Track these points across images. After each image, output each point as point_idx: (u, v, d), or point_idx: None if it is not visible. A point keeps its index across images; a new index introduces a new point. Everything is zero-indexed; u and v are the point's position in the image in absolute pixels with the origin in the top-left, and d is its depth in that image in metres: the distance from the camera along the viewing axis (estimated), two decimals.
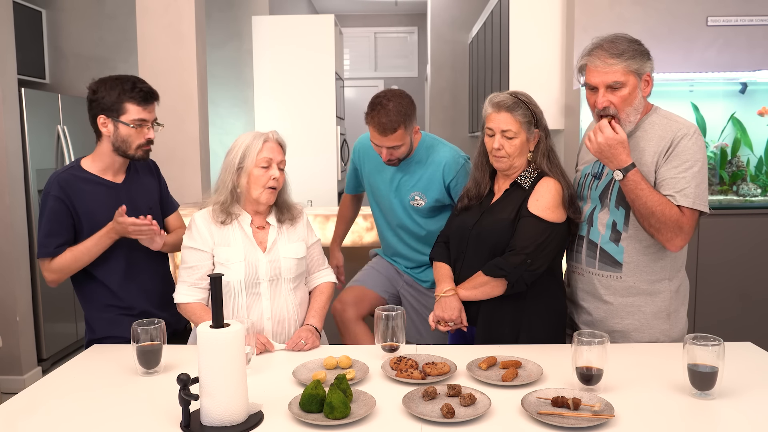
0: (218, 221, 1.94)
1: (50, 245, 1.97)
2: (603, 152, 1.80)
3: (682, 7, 3.69)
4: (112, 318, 2.05)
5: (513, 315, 1.93)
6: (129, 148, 2.01)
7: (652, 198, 1.77)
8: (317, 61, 4.98)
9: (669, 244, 1.80)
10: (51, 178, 2.01)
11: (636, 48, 1.82)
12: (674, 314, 1.92)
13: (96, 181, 2.04)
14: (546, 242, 1.87)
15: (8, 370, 3.74)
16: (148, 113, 2.01)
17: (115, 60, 4.96)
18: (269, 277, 1.95)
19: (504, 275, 1.87)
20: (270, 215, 2.02)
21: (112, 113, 1.98)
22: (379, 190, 2.46)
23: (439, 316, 1.96)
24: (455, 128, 6.77)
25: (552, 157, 1.97)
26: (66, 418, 1.46)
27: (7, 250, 3.67)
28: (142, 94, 1.98)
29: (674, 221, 1.77)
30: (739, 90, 3.78)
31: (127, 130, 1.99)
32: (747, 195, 3.65)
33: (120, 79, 1.99)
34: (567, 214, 1.92)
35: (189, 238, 1.96)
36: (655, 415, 1.43)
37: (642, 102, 1.86)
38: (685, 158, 1.79)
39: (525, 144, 1.94)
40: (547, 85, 3.97)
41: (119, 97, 1.97)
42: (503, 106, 1.92)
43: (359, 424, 1.39)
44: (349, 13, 8.85)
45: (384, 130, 2.18)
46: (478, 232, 1.97)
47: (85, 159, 2.08)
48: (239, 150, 1.92)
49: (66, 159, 4.40)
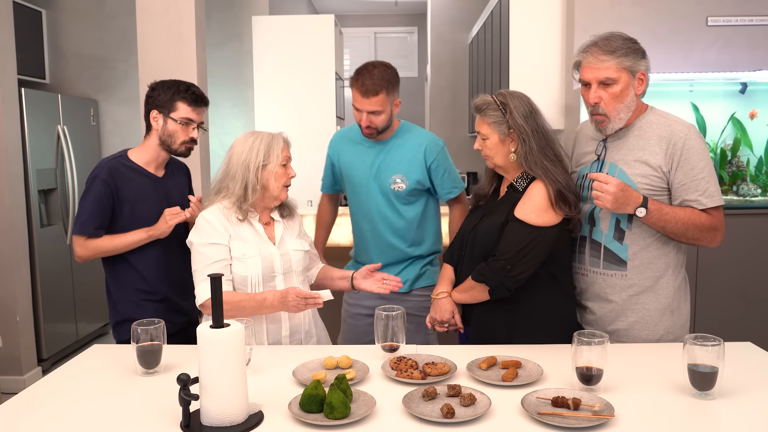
0: (236, 218, 1.96)
1: (90, 225, 2.12)
2: (619, 200, 1.78)
3: (682, 7, 3.68)
4: (138, 302, 2.17)
5: (506, 318, 1.92)
6: (173, 143, 2.18)
7: (679, 215, 1.81)
8: (317, 61, 4.98)
9: (710, 244, 1.88)
10: (101, 163, 2.17)
11: (630, 46, 1.84)
12: (677, 310, 1.93)
13: (141, 171, 2.20)
14: (528, 248, 1.82)
15: (8, 370, 3.74)
16: (196, 115, 2.18)
17: (115, 60, 4.97)
18: (283, 270, 1.99)
19: (483, 281, 1.87)
20: (274, 211, 2.06)
21: (164, 110, 2.16)
22: (357, 179, 2.42)
23: (432, 317, 2.01)
24: (455, 128, 6.77)
25: (535, 157, 1.85)
26: (66, 418, 1.46)
27: (7, 250, 3.67)
28: (193, 96, 2.17)
29: (708, 226, 1.83)
30: (739, 90, 3.78)
31: (175, 126, 2.16)
32: (747, 195, 3.65)
33: (176, 82, 2.19)
34: (562, 214, 1.84)
35: (204, 236, 1.92)
36: (655, 415, 1.43)
37: (635, 100, 1.87)
38: (697, 159, 1.82)
39: (499, 145, 1.91)
40: (547, 85, 3.96)
41: (173, 96, 2.15)
42: (476, 109, 1.94)
43: (359, 424, 1.39)
44: (349, 13, 8.85)
45: (366, 92, 2.22)
46: (475, 234, 1.97)
47: (132, 150, 2.23)
48: (260, 148, 1.94)
49: (66, 159, 4.40)
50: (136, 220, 2.15)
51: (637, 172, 1.86)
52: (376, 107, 2.24)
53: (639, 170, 1.86)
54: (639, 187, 1.84)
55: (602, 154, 1.94)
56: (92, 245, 2.13)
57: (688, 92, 3.79)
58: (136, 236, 2.13)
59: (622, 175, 1.86)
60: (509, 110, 1.88)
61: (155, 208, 2.16)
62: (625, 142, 1.90)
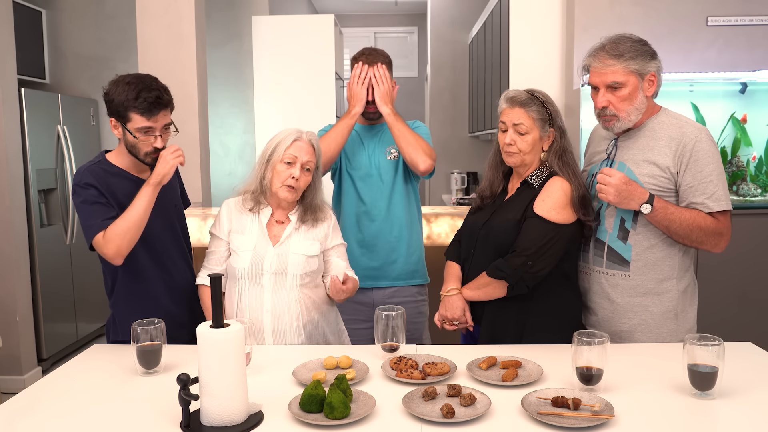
0: (246, 208, 2.02)
1: (95, 221, 1.91)
2: (622, 193, 1.78)
3: (682, 7, 3.68)
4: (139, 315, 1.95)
5: (517, 316, 1.92)
6: (138, 154, 1.96)
7: (684, 216, 1.80)
8: (317, 61, 4.98)
9: (714, 249, 1.85)
10: (80, 169, 1.97)
11: (639, 48, 1.82)
12: (682, 314, 1.90)
13: (123, 175, 2.02)
14: (549, 244, 1.84)
15: (8, 370, 3.74)
16: (154, 122, 1.92)
17: (115, 60, 4.97)
18: (274, 270, 1.96)
19: (504, 277, 1.86)
20: (293, 212, 2.04)
21: (121, 119, 1.93)
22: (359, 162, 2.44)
23: (443, 315, 1.98)
24: (455, 128, 6.77)
25: (565, 157, 1.93)
26: (66, 418, 1.46)
27: (7, 250, 3.67)
28: (145, 105, 1.89)
29: (713, 230, 1.81)
30: (739, 90, 3.78)
31: (133, 138, 1.93)
32: (747, 195, 3.65)
33: (130, 85, 1.91)
34: (577, 215, 1.87)
35: (213, 225, 2.08)
36: (655, 415, 1.43)
37: (645, 102, 1.86)
38: (706, 161, 1.80)
39: (537, 142, 1.92)
40: (547, 85, 3.94)
41: (124, 105, 1.90)
42: (517, 101, 1.90)
43: (359, 424, 1.39)
44: (349, 13, 8.85)
45: (372, 62, 2.36)
46: (486, 231, 1.96)
47: (110, 153, 2.05)
48: (273, 142, 2.00)
49: (66, 159, 4.40)
50: None
51: (645, 172, 1.85)
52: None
53: (647, 170, 1.85)
54: (646, 187, 1.83)
55: (612, 152, 1.94)
56: (110, 234, 1.88)
57: (688, 92, 3.79)
58: (143, 197, 1.90)
59: (630, 175, 1.85)
60: (553, 109, 1.93)
61: None
62: (636, 142, 1.89)
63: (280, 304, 1.96)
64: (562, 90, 3.94)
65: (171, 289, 2.07)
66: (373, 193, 2.39)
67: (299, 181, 1.96)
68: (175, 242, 2.12)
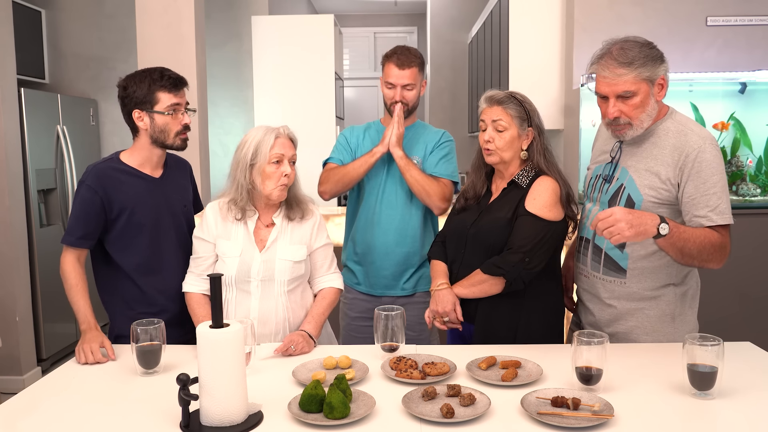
0: (233, 217, 1.95)
1: (74, 234, 1.99)
2: (633, 222, 1.62)
3: (682, 7, 3.69)
4: (134, 315, 1.97)
5: (511, 313, 1.94)
6: (167, 137, 2.01)
7: (696, 235, 1.70)
8: (317, 61, 4.98)
9: (717, 265, 1.77)
10: (88, 168, 2.02)
11: (647, 53, 1.74)
12: (680, 318, 1.88)
13: (134, 173, 2.03)
14: (543, 241, 1.88)
15: (8, 370, 3.74)
16: (180, 98, 2.02)
17: (115, 60, 4.96)
18: (261, 276, 1.94)
19: (502, 274, 1.87)
20: (278, 214, 2.00)
21: (146, 105, 1.98)
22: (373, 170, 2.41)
23: (434, 309, 1.97)
24: (455, 128, 6.77)
25: (549, 156, 1.98)
26: (65, 418, 1.46)
27: (7, 250, 3.67)
28: (171, 81, 1.99)
29: (718, 246, 1.73)
30: (739, 90, 3.78)
31: (163, 118, 1.99)
32: (747, 195, 3.65)
33: (147, 72, 2.01)
34: (565, 212, 1.94)
35: (198, 228, 2.02)
36: (654, 415, 1.43)
37: (656, 107, 1.80)
38: (709, 173, 1.73)
39: (516, 139, 1.95)
40: (546, 85, 3.96)
41: (150, 88, 1.97)
42: (495, 100, 1.96)
43: (359, 424, 1.39)
44: (348, 13, 8.85)
45: (402, 64, 2.35)
46: (475, 231, 1.98)
47: (124, 153, 2.07)
48: (251, 146, 1.91)
49: (65, 159, 4.40)
50: (133, 226, 2.00)
51: (646, 183, 1.81)
52: (410, 80, 2.36)
53: (648, 181, 1.80)
54: (645, 198, 1.79)
55: (617, 156, 1.91)
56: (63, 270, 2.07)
57: (688, 92, 3.79)
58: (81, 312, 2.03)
59: (631, 183, 1.83)
60: (531, 108, 1.96)
61: (153, 212, 2.02)
62: (639, 148, 1.85)
63: (267, 311, 1.95)
64: (562, 90, 3.94)
65: (170, 287, 2.06)
66: (390, 199, 2.40)
67: (290, 176, 1.94)
68: (178, 241, 2.10)
